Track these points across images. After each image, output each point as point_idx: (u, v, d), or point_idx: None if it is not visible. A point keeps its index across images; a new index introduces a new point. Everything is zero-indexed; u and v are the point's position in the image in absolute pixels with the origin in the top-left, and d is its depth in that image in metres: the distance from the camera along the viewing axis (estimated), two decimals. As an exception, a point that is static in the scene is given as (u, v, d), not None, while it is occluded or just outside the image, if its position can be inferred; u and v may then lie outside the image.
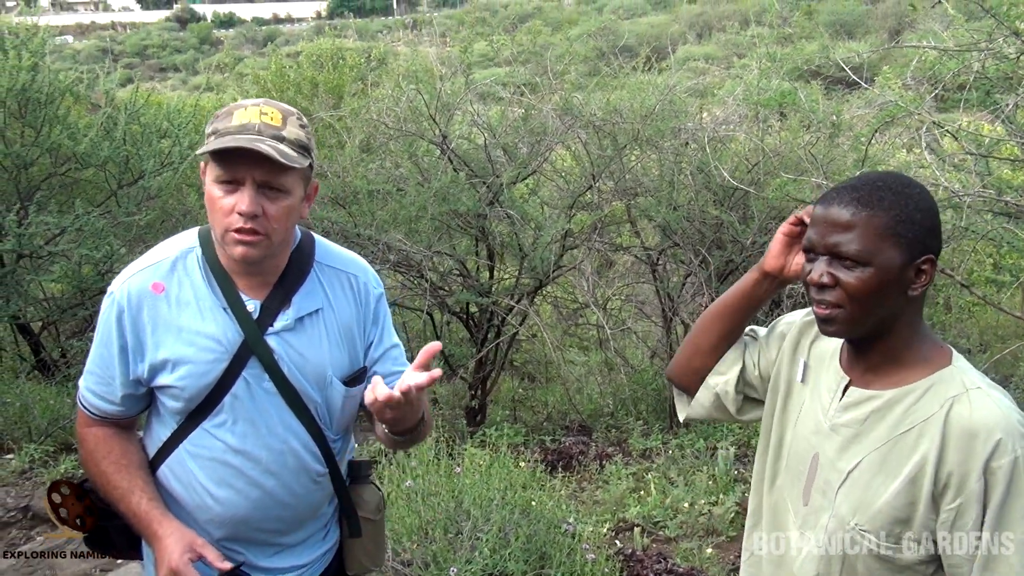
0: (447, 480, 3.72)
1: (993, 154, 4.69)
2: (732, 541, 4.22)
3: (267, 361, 1.77)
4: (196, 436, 1.80)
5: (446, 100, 6.12)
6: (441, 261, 6.21)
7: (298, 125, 1.73)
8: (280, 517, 1.86)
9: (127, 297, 1.76)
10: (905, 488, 1.49)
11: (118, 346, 1.77)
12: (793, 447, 1.71)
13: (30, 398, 5.28)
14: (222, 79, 20.72)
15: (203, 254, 1.80)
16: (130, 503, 1.77)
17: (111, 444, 1.84)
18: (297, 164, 1.67)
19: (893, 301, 1.51)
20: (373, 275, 1.98)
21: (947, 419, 1.47)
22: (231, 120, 1.69)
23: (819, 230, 1.52)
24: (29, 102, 5.80)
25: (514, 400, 7.11)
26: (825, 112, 5.59)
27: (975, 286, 5.17)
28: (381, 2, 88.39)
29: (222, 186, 1.68)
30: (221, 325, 1.76)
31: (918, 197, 1.50)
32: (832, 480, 1.59)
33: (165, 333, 1.75)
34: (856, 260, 1.47)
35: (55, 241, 5.87)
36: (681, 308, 6.06)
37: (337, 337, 1.86)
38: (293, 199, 1.72)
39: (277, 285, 1.81)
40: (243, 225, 1.66)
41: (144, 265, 1.80)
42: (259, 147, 1.63)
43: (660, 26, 44.51)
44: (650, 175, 6.24)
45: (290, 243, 1.84)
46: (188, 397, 1.76)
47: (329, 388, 1.85)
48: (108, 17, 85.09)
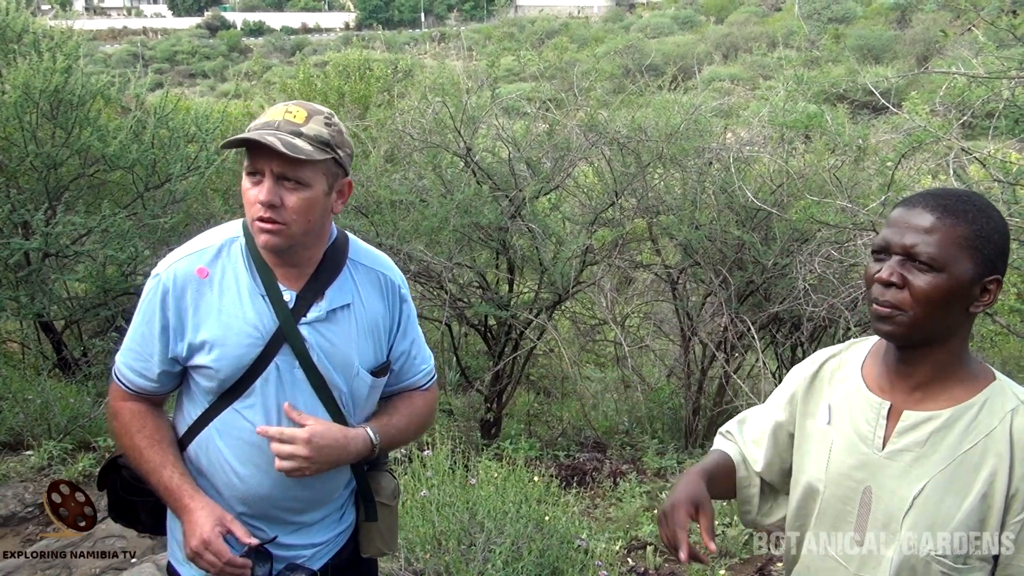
0: (462, 491, 3.72)
1: (1021, 183, 4.65)
2: (745, 563, 4.18)
3: (299, 349, 1.85)
4: (226, 416, 1.88)
5: (471, 113, 6.15)
6: (461, 273, 6.23)
7: (323, 123, 1.82)
8: (299, 497, 1.94)
9: (173, 279, 1.85)
10: (977, 505, 1.48)
11: (160, 325, 1.86)
12: (829, 491, 1.66)
13: (51, 396, 5.32)
14: (250, 86, 20.93)
15: (246, 244, 1.90)
16: (161, 476, 1.86)
17: (145, 419, 1.92)
18: (304, 156, 1.74)
19: (954, 314, 1.50)
20: (400, 275, 2.08)
21: (1011, 433, 1.47)
22: (262, 118, 1.82)
23: (897, 230, 1.51)
24: (61, 104, 5.88)
25: (529, 414, 7.09)
26: (851, 136, 5.58)
27: (998, 315, 5.11)
28: (409, 15, 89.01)
29: (249, 177, 1.80)
30: (259, 312, 1.85)
31: (997, 218, 1.51)
32: (895, 510, 1.55)
33: (206, 315, 1.84)
34: (931, 264, 1.47)
35: (81, 241, 5.93)
36: (700, 328, 6.04)
37: (366, 330, 1.96)
38: (313, 192, 1.80)
39: (312, 278, 1.90)
40: (263, 214, 1.77)
41: (191, 251, 1.89)
42: (265, 139, 1.72)
43: (687, 45, 44.52)
44: (673, 193, 6.24)
45: (324, 238, 1.93)
46: (222, 378, 1.85)
47: (356, 378, 1.94)
48: (140, 23, 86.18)
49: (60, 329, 6.71)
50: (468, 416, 6.43)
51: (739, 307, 5.68)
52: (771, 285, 5.74)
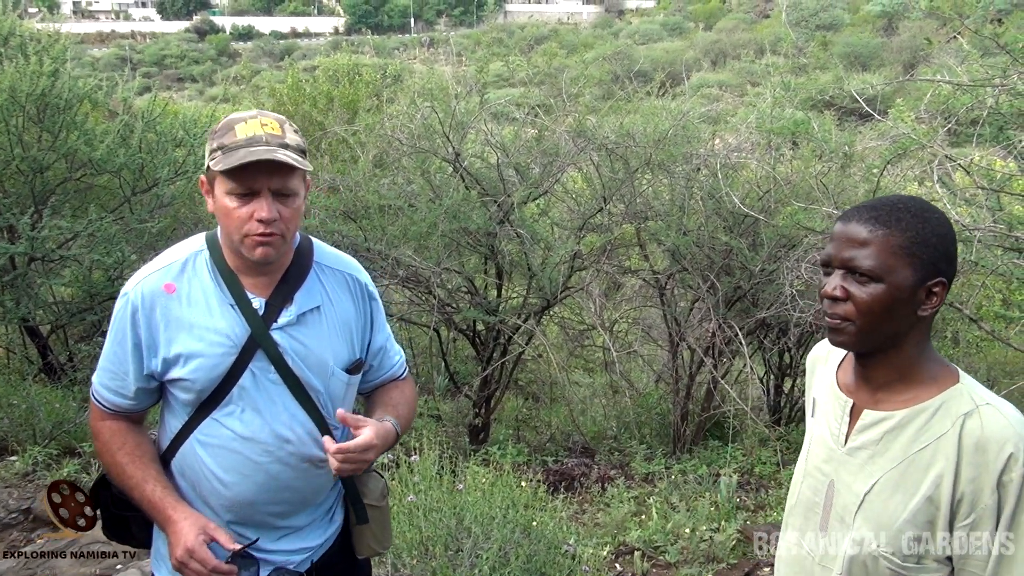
0: (449, 497, 3.71)
1: (1005, 189, 4.69)
2: (732, 568, 4.19)
3: (273, 354, 1.89)
4: (206, 425, 1.91)
5: (460, 118, 6.16)
6: (449, 278, 6.23)
7: (293, 131, 1.87)
8: (285, 500, 1.96)
9: (141, 297, 1.88)
10: (923, 506, 1.51)
11: (132, 343, 1.88)
12: (806, 483, 1.73)
13: (36, 401, 5.29)
14: (239, 91, 20.87)
15: (211, 256, 1.93)
16: (144, 491, 1.88)
17: (125, 436, 1.95)
18: (304, 167, 1.82)
19: (902, 319, 1.54)
20: (366, 275, 2.13)
21: (960, 436, 1.49)
22: (235, 135, 1.81)
23: (837, 245, 1.56)
24: (48, 107, 5.85)
25: (518, 419, 7.09)
26: (838, 142, 5.61)
27: (984, 321, 5.15)
28: (399, 20, 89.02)
29: (236, 198, 1.81)
30: (229, 321, 1.88)
31: (936, 222, 1.53)
32: (849, 505, 1.61)
33: (177, 330, 1.87)
34: (869, 275, 1.51)
35: (67, 245, 5.91)
36: (688, 333, 6.05)
37: (337, 331, 2.00)
38: (299, 200, 1.88)
39: (280, 283, 1.94)
40: (264, 230, 1.80)
41: (156, 267, 1.92)
42: (278, 157, 1.77)
43: (675, 52, 44.77)
44: (661, 199, 6.25)
45: (292, 243, 1.97)
46: (199, 389, 1.87)
47: (332, 378, 1.98)
48: (128, 26, 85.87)
49: (46, 334, 6.67)
50: (456, 421, 6.43)
51: (727, 313, 5.69)
52: (758, 291, 5.76)
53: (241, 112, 1.89)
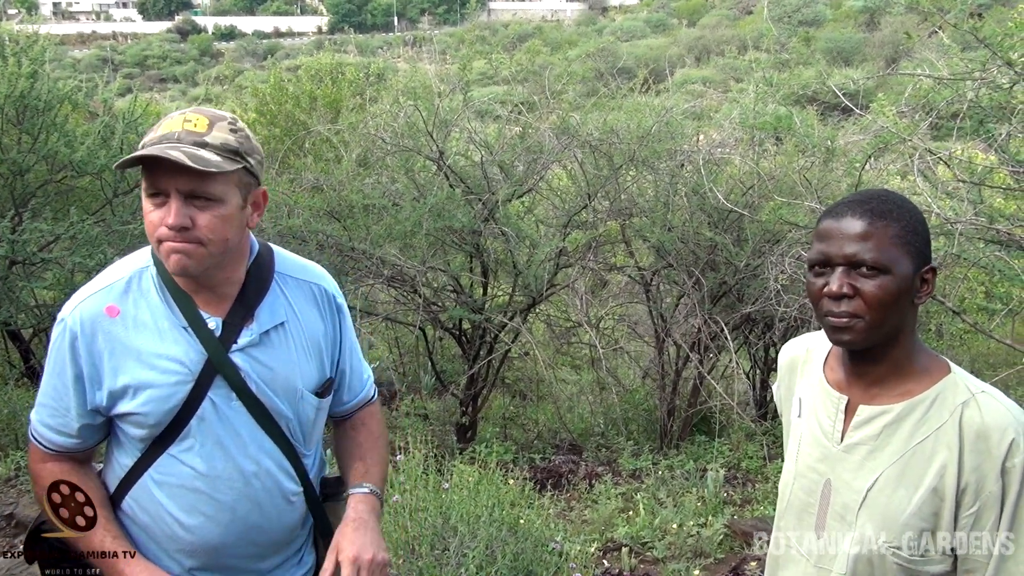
0: (435, 496, 3.71)
1: (986, 182, 4.72)
2: (719, 563, 4.20)
3: (234, 380, 1.70)
4: (162, 463, 1.71)
5: (444, 117, 6.14)
6: (435, 277, 6.22)
7: (228, 130, 1.65)
8: (254, 542, 1.79)
9: (80, 323, 1.67)
10: (928, 498, 1.51)
11: (72, 375, 1.68)
12: (797, 484, 1.71)
13: (18, 405, 5.25)
14: (221, 91, 20.77)
15: (158, 272, 1.72)
16: (92, 541, 1.70)
17: (70, 479, 1.75)
18: (215, 168, 1.58)
19: (904, 310, 1.54)
20: (333, 283, 1.93)
21: (960, 425, 1.50)
22: (155, 130, 1.64)
23: (834, 242, 1.54)
24: (27, 109, 5.80)
25: (505, 417, 7.09)
26: (820, 137, 5.63)
27: (967, 313, 5.18)
28: (382, 18, 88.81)
29: (151, 199, 1.62)
30: (182, 346, 1.68)
31: (916, 211, 1.56)
32: (850, 502, 1.59)
33: (124, 358, 1.67)
34: (877, 268, 1.50)
35: (49, 248, 5.85)
36: (674, 329, 6.07)
37: (305, 348, 1.81)
38: (227, 207, 1.63)
39: (238, 300, 1.74)
40: (173, 238, 1.60)
41: (96, 288, 1.71)
42: (168, 154, 1.54)
43: (659, 49, 44.84)
44: (645, 196, 6.26)
45: (244, 255, 1.77)
46: (152, 423, 1.68)
47: (300, 401, 1.79)
48: (109, 27, 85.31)
49: (28, 338, 6.61)
50: (443, 420, 6.42)
51: (712, 308, 5.71)
52: (743, 286, 5.78)
53: (184, 108, 1.70)
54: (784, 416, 1.87)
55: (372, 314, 6.26)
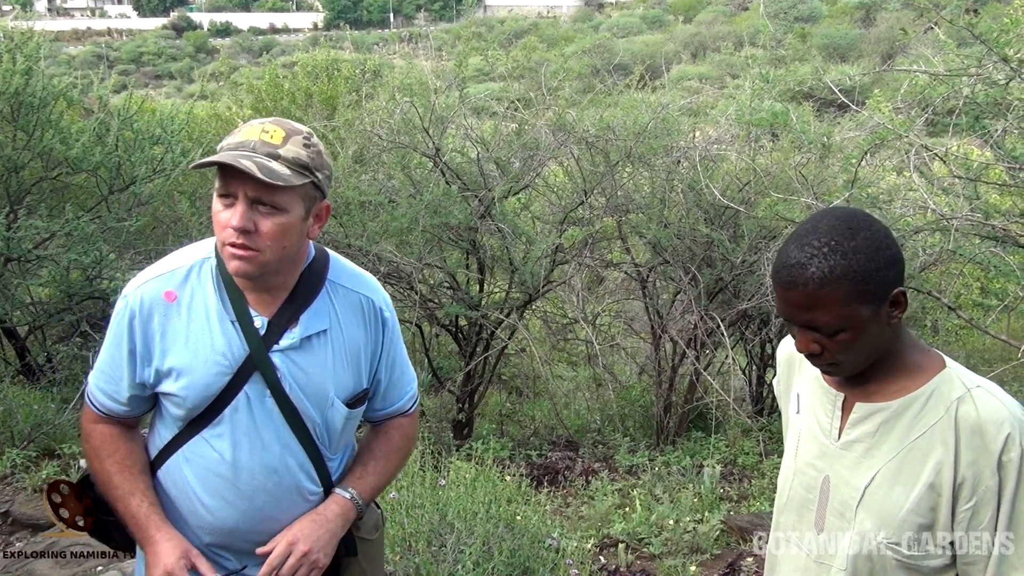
0: (432, 492, 3.71)
1: (981, 178, 4.72)
2: (716, 559, 4.21)
3: (270, 378, 1.78)
4: (194, 444, 1.82)
5: (440, 113, 6.14)
6: (431, 273, 6.21)
7: (301, 144, 1.72)
8: (268, 532, 1.85)
9: (139, 303, 1.79)
10: (926, 494, 1.52)
11: (127, 349, 1.80)
12: (797, 479, 1.72)
13: (13, 403, 5.23)
14: (217, 88, 20.73)
15: (217, 265, 1.81)
16: (129, 505, 1.80)
17: (116, 443, 1.87)
18: (282, 182, 1.65)
19: (881, 339, 1.54)
20: (385, 297, 1.98)
21: (956, 420, 1.50)
22: (236, 136, 1.72)
23: (787, 309, 1.54)
24: (22, 106, 5.78)
25: (501, 414, 7.09)
26: (816, 133, 5.63)
27: (962, 309, 5.19)
28: (378, 15, 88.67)
29: (221, 200, 1.70)
30: (228, 338, 1.78)
31: (866, 242, 1.47)
32: (849, 499, 1.60)
33: (174, 341, 1.78)
34: (835, 329, 1.49)
35: (44, 245, 5.84)
36: (670, 325, 6.07)
37: (343, 358, 1.87)
38: (289, 217, 1.71)
39: (286, 303, 1.82)
40: (236, 240, 1.68)
41: (159, 272, 1.82)
42: (240, 163, 1.63)
43: (655, 45, 44.82)
44: (642, 192, 6.26)
45: (300, 261, 1.84)
46: (190, 406, 1.78)
47: (330, 409, 1.86)
48: (104, 23, 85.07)
49: (23, 335, 6.60)
50: (440, 417, 6.42)
51: (708, 304, 5.71)
52: (740, 282, 5.78)
53: (264, 118, 1.79)
54: (784, 411, 1.88)
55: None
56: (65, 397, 5.70)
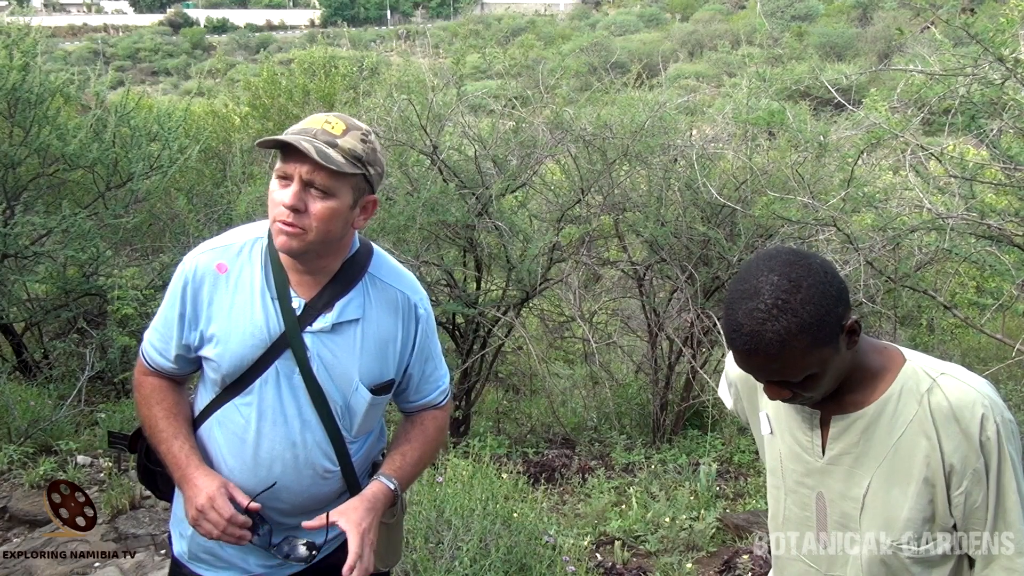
0: (429, 489, 3.72)
1: (977, 178, 4.74)
2: (712, 556, 4.22)
3: (300, 356, 1.89)
4: (226, 409, 1.95)
5: (437, 111, 6.13)
6: (429, 271, 6.21)
7: (359, 139, 1.83)
8: (282, 499, 1.96)
9: (195, 270, 1.92)
10: (923, 489, 1.54)
11: (178, 312, 1.93)
12: (790, 499, 1.73)
13: (10, 399, 5.23)
14: (214, 84, 20.69)
15: (267, 245, 1.94)
16: (172, 446, 1.93)
17: (165, 393, 2.02)
18: (335, 167, 1.77)
19: (842, 364, 1.55)
20: (423, 295, 2.08)
21: (931, 412, 1.53)
22: (300, 124, 1.84)
23: (750, 370, 1.54)
24: (19, 102, 5.78)
25: (498, 412, 7.10)
26: (813, 132, 5.64)
27: (958, 308, 5.21)
28: (375, 12, 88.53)
29: (279, 180, 1.83)
30: (266, 314, 1.90)
31: (810, 291, 1.45)
32: (850, 511, 1.62)
33: (219, 310, 1.91)
34: (802, 379, 1.50)
35: (41, 242, 5.84)
36: (667, 323, 6.08)
37: (372, 348, 1.97)
38: (338, 203, 1.82)
39: (325, 288, 1.93)
40: (287, 218, 1.79)
41: (217, 245, 1.96)
42: (301, 144, 1.75)
43: (652, 43, 44.80)
44: (639, 190, 6.27)
45: (344, 249, 1.95)
46: (224, 373, 1.91)
47: (354, 394, 1.96)
48: (101, 19, 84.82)
49: (20, 331, 6.59)
50: (437, 414, 6.41)
51: (705, 302, 5.72)
52: (736, 281, 5.79)
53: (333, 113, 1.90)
54: (753, 430, 1.88)
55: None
56: (62, 393, 5.70)
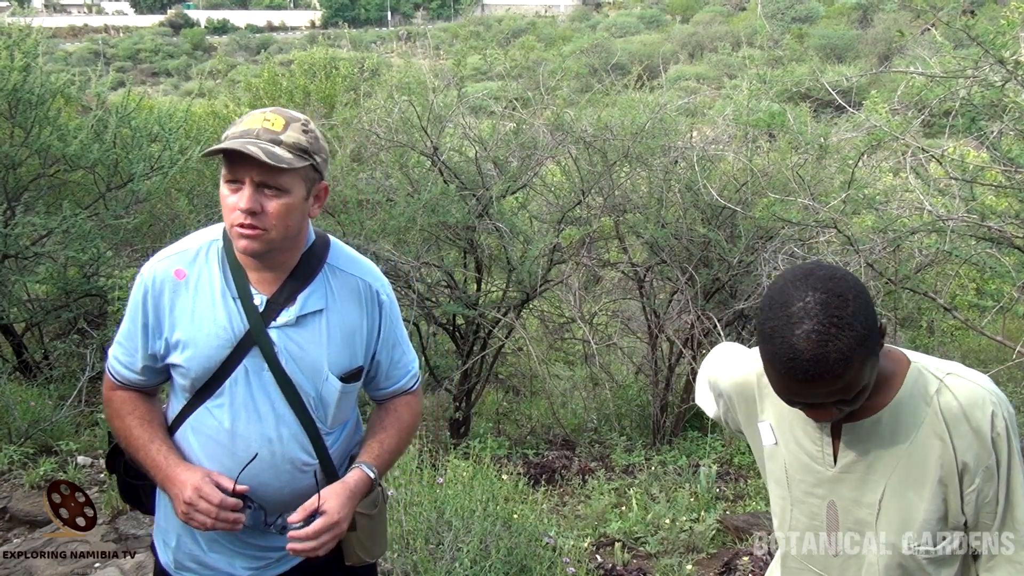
0: (429, 490, 3.72)
1: (977, 180, 4.74)
2: (712, 558, 4.22)
3: (267, 352, 1.90)
4: (199, 414, 1.95)
5: (438, 112, 6.14)
6: (429, 272, 6.21)
7: (300, 131, 1.86)
8: (262, 497, 1.96)
9: (153, 280, 1.93)
10: (937, 490, 1.55)
11: (141, 323, 1.94)
12: (797, 510, 1.71)
13: (11, 399, 5.22)
14: (214, 85, 20.69)
15: (223, 247, 1.95)
16: (149, 451, 1.93)
17: (136, 403, 2.01)
18: (286, 164, 1.79)
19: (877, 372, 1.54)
20: (383, 281, 2.10)
21: (941, 413, 1.54)
22: (239, 126, 1.85)
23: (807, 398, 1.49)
24: (20, 103, 5.77)
25: (498, 413, 7.10)
26: (813, 134, 5.65)
27: (958, 310, 5.21)
28: (376, 13, 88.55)
29: (229, 185, 1.84)
30: (229, 314, 1.91)
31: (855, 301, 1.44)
32: (865, 517, 1.61)
33: (181, 316, 1.91)
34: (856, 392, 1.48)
35: (41, 242, 5.84)
36: (667, 325, 6.08)
37: (339, 337, 1.98)
38: (292, 198, 1.85)
39: (285, 283, 1.94)
40: (244, 221, 1.81)
41: (172, 252, 1.97)
42: (248, 148, 1.76)
43: (653, 45, 44.79)
44: (639, 192, 6.27)
45: (301, 243, 1.96)
46: (193, 377, 1.91)
47: (324, 383, 1.96)
48: (101, 20, 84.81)
49: (20, 332, 6.59)
50: (437, 415, 6.42)
51: (705, 304, 5.72)
52: (736, 282, 5.80)
53: (265, 108, 1.92)
54: (749, 440, 1.86)
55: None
56: (62, 394, 5.69)
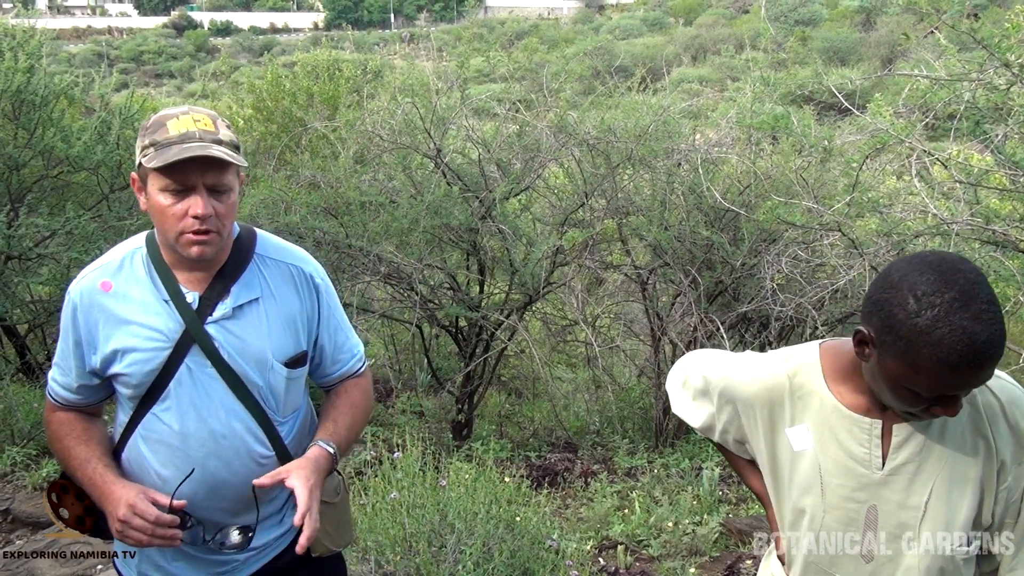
0: (432, 493, 3.71)
1: (982, 183, 4.73)
2: (715, 561, 4.21)
3: (208, 348, 1.89)
4: (147, 421, 1.93)
5: (441, 114, 6.14)
6: (432, 274, 6.21)
7: (225, 127, 1.86)
8: (223, 496, 1.95)
9: (80, 296, 1.91)
10: (978, 488, 1.57)
11: (73, 340, 1.92)
12: (829, 516, 1.66)
13: (13, 401, 5.23)
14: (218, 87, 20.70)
15: (148, 253, 1.94)
16: (87, 470, 1.90)
17: (74, 424, 1.99)
18: (238, 162, 1.82)
19: None
20: (316, 265, 2.09)
21: (983, 411, 1.56)
22: (167, 131, 1.79)
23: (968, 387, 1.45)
24: (23, 104, 5.79)
25: (501, 415, 7.09)
26: (817, 137, 5.64)
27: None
28: (379, 15, 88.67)
29: (169, 194, 1.80)
30: (163, 316, 1.89)
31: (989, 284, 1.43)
32: (908, 520, 1.60)
33: (114, 327, 1.89)
34: None
35: (44, 244, 5.85)
36: (670, 328, 6.07)
37: (279, 323, 1.97)
38: (234, 195, 1.87)
39: (216, 277, 1.93)
40: (199, 227, 1.79)
41: (96, 266, 1.95)
42: (213, 153, 1.76)
43: (656, 47, 44.76)
44: (642, 194, 6.26)
45: (231, 236, 1.96)
46: (136, 383, 1.89)
47: (270, 372, 1.95)
48: (105, 22, 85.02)
49: (23, 333, 6.60)
50: (439, 418, 6.42)
51: (708, 307, 5.71)
52: (740, 285, 5.78)
53: (172, 108, 1.88)
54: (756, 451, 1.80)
55: (368, 311, 6.26)
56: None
